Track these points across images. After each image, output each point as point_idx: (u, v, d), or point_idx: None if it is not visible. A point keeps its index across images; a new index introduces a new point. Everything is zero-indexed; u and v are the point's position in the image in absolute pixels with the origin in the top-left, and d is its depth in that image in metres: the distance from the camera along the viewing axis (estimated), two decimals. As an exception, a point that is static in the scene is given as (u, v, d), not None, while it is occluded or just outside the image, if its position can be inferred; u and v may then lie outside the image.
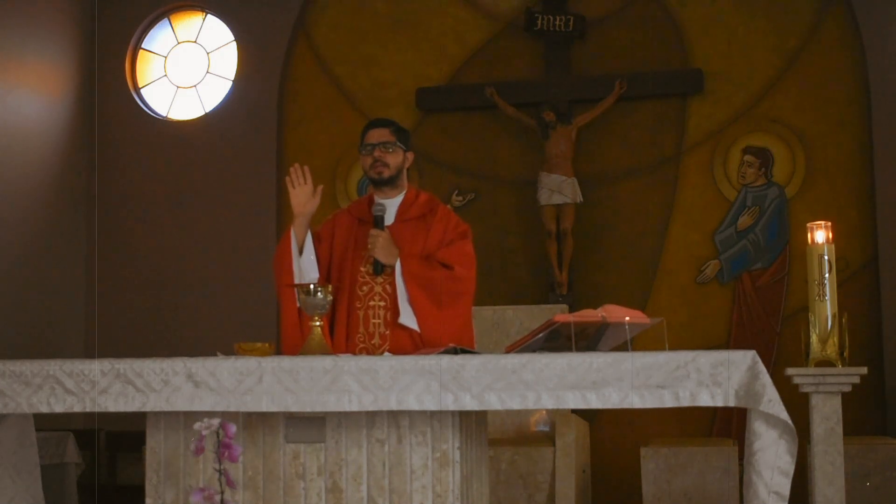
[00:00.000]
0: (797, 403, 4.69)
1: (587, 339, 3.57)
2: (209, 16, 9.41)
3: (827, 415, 4.86)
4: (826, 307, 4.86)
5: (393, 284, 4.25)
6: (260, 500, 3.50)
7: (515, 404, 3.27)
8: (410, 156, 4.49)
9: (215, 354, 3.59)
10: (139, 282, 9.08)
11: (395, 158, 4.40)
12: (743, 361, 3.26)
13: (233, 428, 3.14)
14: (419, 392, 3.28)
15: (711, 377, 3.24)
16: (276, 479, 3.51)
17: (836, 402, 4.89)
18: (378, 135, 4.40)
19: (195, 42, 9.47)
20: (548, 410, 6.68)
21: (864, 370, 4.99)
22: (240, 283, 8.75)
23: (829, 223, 5.22)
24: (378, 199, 4.44)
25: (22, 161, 8.53)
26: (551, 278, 8.34)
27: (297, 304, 4.11)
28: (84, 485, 7.65)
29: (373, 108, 8.64)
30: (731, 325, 8.25)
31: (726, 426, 8.01)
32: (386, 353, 3.88)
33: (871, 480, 6.31)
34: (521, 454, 6.49)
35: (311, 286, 3.82)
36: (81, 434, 7.67)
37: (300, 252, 4.31)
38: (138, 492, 3.87)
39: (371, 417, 3.46)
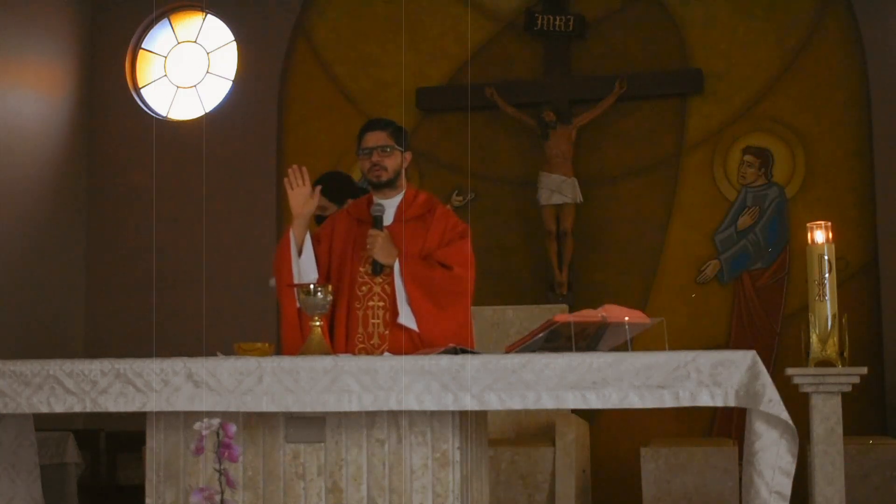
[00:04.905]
0: (797, 403, 4.69)
1: (587, 339, 3.57)
2: (209, 16, 9.40)
3: (827, 415, 4.86)
4: (826, 307, 4.86)
5: (392, 285, 4.25)
6: (260, 500, 3.50)
7: (515, 404, 3.27)
8: (409, 156, 4.48)
9: (215, 354, 3.59)
10: (139, 282, 9.06)
11: (394, 161, 4.39)
12: (743, 361, 3.26)
13: (233, 428, 3.14)
14: (419, 392, 3.28)
15: (711, 377, 3.24)
16: (276, 479, 3.51)
17: (836, 402, 4.89)
18: (375, 138, 4.38)
19: (195, 42, 9.47)
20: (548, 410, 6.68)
21: (864, 370, 4.99)
22: (240, 283, 8.74)
23: (829, 223, 5.22)
24: (377, 199, 4.44)
25: (22, 161, 8.53)
26: (551, 278, 8.34)
27: (297, 305, 4.11)
28: (84, 485, 7.64)
29: (373, 108, 8.63)
30: (731, 325, 8.24)
31: (726, 426, 8.01)
32: (386, 353, 3.88)
33: (871, 480, 6.30)
34: (521, 454, 6.48)
35: (311, 286, 3.82)
36: (81, 434, 7.67)
37: (299, 253, 4.31)
38: (138, 492, 3.87)
39: (371, 417, 3.46)
